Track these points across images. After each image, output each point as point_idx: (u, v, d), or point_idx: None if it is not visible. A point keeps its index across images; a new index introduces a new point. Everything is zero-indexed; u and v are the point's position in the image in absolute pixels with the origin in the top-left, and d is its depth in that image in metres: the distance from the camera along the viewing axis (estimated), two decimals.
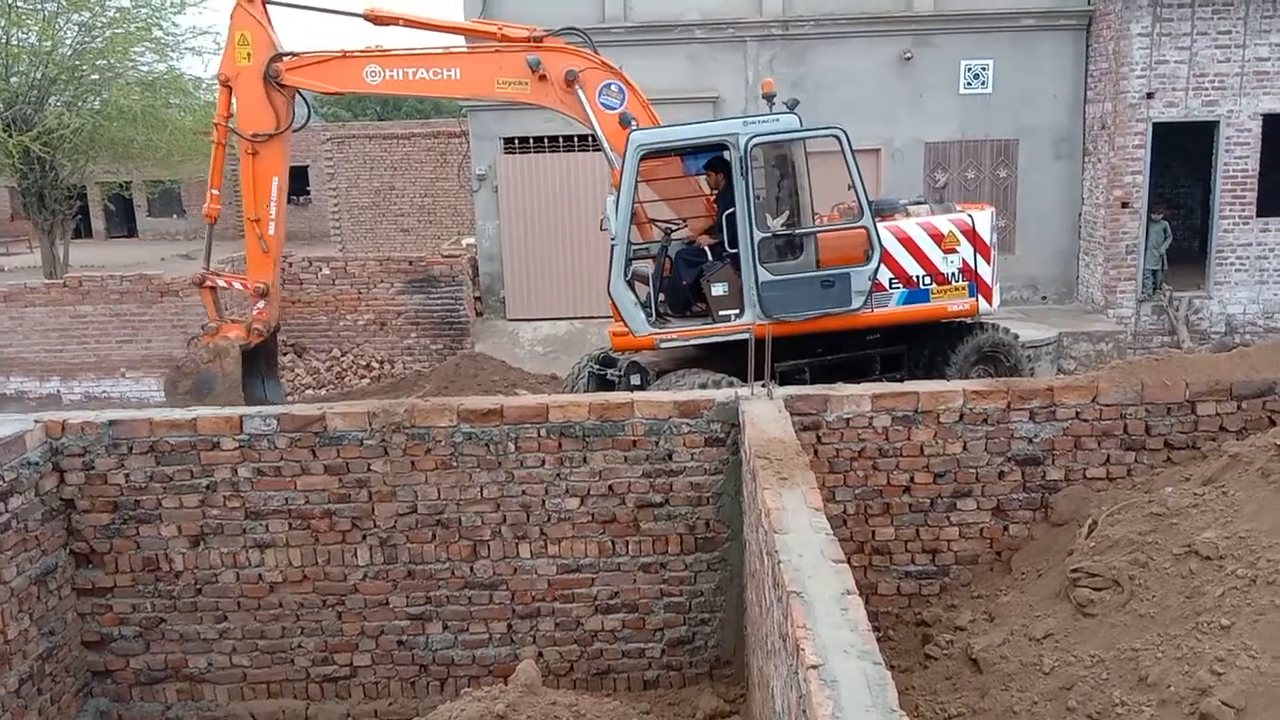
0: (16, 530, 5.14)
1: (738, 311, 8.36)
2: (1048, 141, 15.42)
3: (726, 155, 8.36)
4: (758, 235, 8.23)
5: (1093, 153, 15.09)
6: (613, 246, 8.26)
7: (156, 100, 19.88)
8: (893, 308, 8.68)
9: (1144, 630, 4.36)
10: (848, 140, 8.31)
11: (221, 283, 9.45)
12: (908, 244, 8.67)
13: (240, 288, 9.38)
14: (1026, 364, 9.57)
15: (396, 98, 39.29)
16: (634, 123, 8.55)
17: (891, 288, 8.62)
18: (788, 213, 8.70)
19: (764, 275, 8.24)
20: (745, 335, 8.16)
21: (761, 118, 8.40)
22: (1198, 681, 3.94)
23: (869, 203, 8.43)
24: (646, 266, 9.03)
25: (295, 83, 8.76)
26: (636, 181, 8.36)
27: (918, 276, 8.69)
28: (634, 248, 8.87)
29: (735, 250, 8.30)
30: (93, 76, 19.56)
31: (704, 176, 9.22)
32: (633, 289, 8.44)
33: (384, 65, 8.76)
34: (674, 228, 9.30)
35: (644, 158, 8.34)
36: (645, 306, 8.42)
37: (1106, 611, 4.59)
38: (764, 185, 8.77)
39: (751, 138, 8.15)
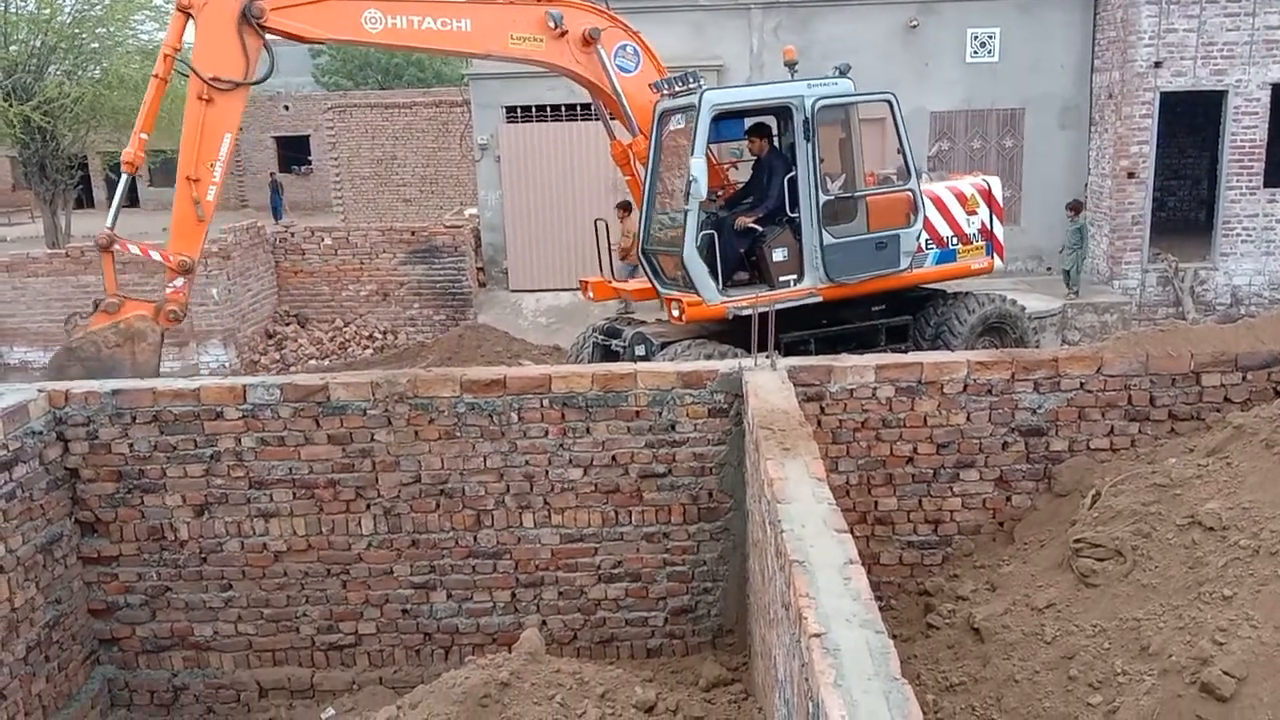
0: (21, 499, 5.16)
1: (796, 276, 8.36)
2: (1054, 111, 15.30)
3: (791, 115, 8.30)
4: (822, 198, 8.23)
5: (1099, 122, 14.98)
6: (685, 213, 8.15)
7: None
8: (928, 268, 8.97)
9: (1146, 600, 4.37)
10: (898, 105, 8.47)
11: (134, 249, 7.76)
12: (939, 206, 8.89)
13: (158, 259, 7.65)
14: (1032, 335, 9.60)
15: (397, 55, 38.84)
16: (702, 81, 8.43)
17: (927, 248, 8.88)
18: (844, 176, 8.74)
19: (828, 239, 8.27)
20: (813, 299, 8.24)
21: (822, 80, 8.40)
22: (1199, 651, 3.96)
23: (915, 167, 8.63)
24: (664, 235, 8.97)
25: (281, 26, 7.53)
26: (709, 141, 8.31)
27: (947, 237, 9.02)
28: (660, 216, 8.83)
29: (794, 215, 8.28)
30: (93, 45, 19.45)
31: (747, 139, 9.10)
32: (701, 257, 8.22)
33: (386, 11, 7.83)
34: (717, 195, 9.25)
35: (714, 119, 8.21)
36: (714, 275, 8.25)
37: (1109, 581, 4.60)
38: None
39: (817, 99, 8.17)
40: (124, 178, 7.61)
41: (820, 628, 2.98)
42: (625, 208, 14.54)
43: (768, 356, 5.66)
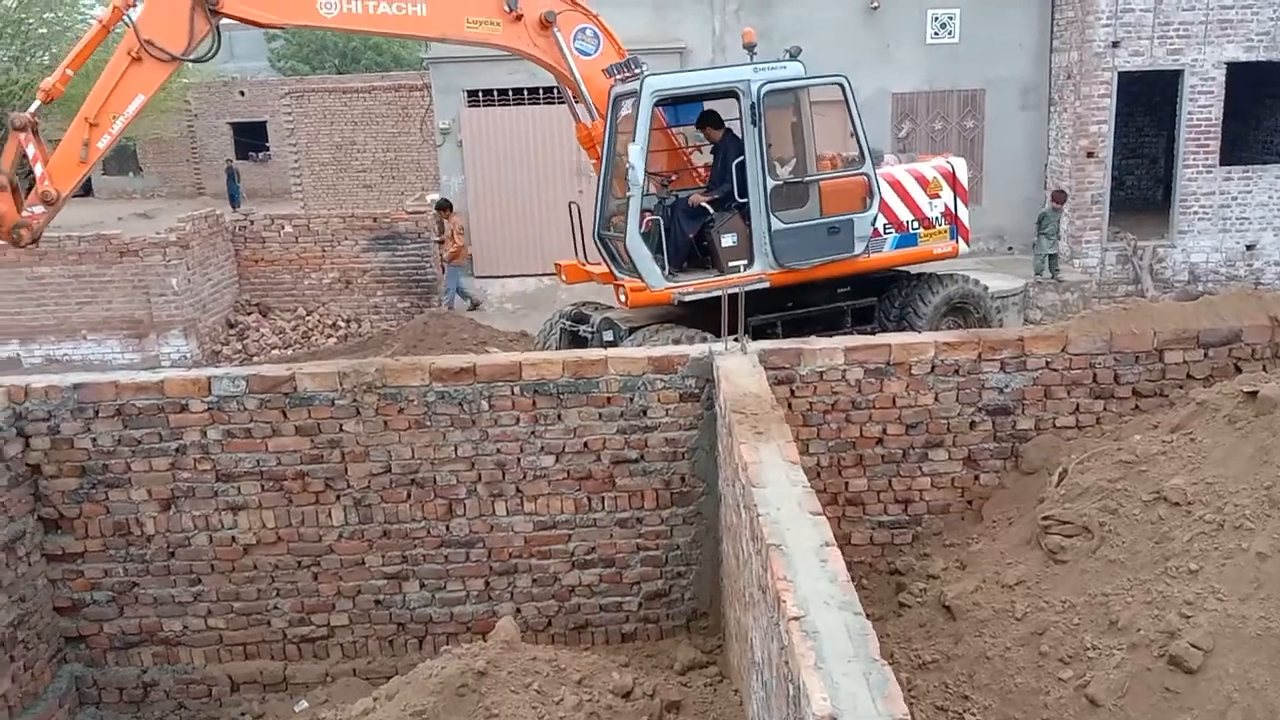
0: None
1: (746, 262, 8.35)
2: (1014, 92, 15.42)
3: (737, 100, 8.26)
4: (770, 183, 8.21)
5: (1059, 102, 15.12)
6: (628, 199, 8.12)
7: (108, 55, 19.36)
8: (886, 252, 8.91)
9: (1114, 575, 4.44)
10: (850, 88, 8.40)
11: (32, 148, 7.50)
12: (899, 190, 8.86)
13: (40, 172, 7.45)
14: (995, 314, 9.70)
15: (354, 39, 38.27)
16: (644, 67, 8.38)
17: (885, 233, 8.82)
18: (795, 161, 8.71)
19: (776, 224, 8.24)
20: (761, 284, 8.24)
21: (770, 65, 8.36)
22: (1167, 625, 4.03)
23: (870, 151, 8.53)
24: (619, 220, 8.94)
25: (236, 11, 7.49)
26: (650, 129, 8.25)
27: (908, 221, 8.95)
28: (615, 201, 8.79)
29: (744, 200, 8.25)
30: (40, 30, 19.03)
31: (699, 130, 9.07)
32: (641, 243, 8.24)
33: None
34: (669, 180, 9.22)
35: (657, 104, 8.19)
36: (659, 260, 8.24)
37: (1077, 558, 4.67)
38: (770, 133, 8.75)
39: (763, 84, 8.12)
40: (35, 103, 7.47)
41: (799, 610, 3.00)
42: (445, 207, 14.44)
43: (737, 340, 5.66)
